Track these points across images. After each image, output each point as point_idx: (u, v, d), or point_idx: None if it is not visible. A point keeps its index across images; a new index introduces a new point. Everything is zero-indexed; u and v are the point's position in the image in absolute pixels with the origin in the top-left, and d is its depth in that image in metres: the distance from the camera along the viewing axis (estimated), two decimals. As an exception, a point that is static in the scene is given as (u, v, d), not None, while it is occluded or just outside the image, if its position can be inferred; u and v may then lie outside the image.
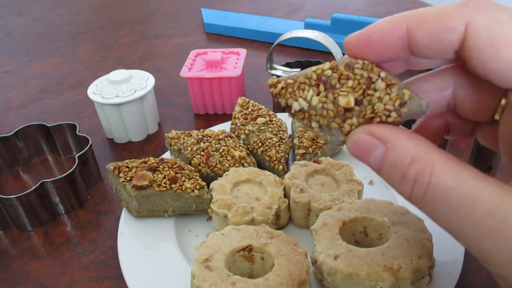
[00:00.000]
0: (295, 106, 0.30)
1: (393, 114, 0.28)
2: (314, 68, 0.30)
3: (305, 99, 0.29)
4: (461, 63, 0.30)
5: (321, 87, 0.29)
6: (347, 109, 0.29)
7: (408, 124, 0.56)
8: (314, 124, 0.30)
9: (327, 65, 0.29)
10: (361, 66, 0.29)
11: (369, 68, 0.28)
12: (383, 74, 0.28)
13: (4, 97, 0.80)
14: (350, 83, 0.29)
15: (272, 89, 0.30)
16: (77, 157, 0.53)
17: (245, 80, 0.74)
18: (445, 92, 0.31)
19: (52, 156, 0.63)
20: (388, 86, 0.28)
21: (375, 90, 0.28)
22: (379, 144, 0.27)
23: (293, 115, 0.30)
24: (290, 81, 0.30)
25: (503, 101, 0.29)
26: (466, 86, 0.30)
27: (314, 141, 0.53)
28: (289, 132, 0.58)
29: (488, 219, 0.24)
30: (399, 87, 0.28)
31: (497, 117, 0.30)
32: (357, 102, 0.28)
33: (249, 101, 0.59)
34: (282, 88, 0.30)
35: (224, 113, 0.70)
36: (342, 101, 0.28)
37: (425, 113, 0.28)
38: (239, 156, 0.51)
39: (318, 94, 0.29)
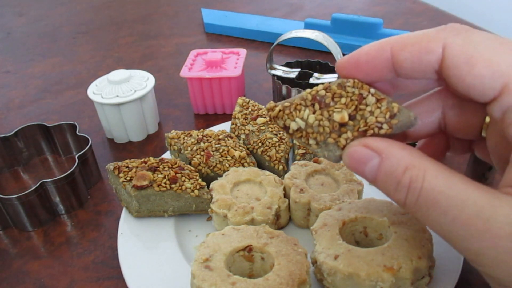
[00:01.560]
0: (293, 126, 0.32)
1: (385, 126, 0.30)
2: (308, 90, 0.32)
3: (302, 118, 0.32)
4: (445, 86, 0.33)
5: (317, 106, 0.31)
6: (342, 124, 0.31)
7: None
8: (311, 141, 0.32)
9: (320, 86, 0.32)
10: (352, 84, 0.31)
11: (359, 86, 0.31)
12: (372, 90, 0.31)
13: (4, 97, 0.80)
14: (343, 100, 0.31)
15: (270, 113, 0.32)
16: (77, 157, 0.53)
17: (245, 80, 0.74)
18: (435, 114, 0.33)
19: (52, 156, 0.63)
20: (378, 100, 0.30)
21: (367, 105, 0.31)
22: (374, 155, 0.29)
23: (291, 135, 0.32)
24: (287, 104, 0.32)
25: (487, 119, 0.31)
26: (453, 107, 0.33)
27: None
28: (289, 132, 0.58)
29: (476, 219, 0.25)
30: (388, 101, 0.30)
31: (483, 133, 0.32)
32: (351, 117, 0.31)
33: (249, 101, 0.59)
34: (280, 110, 0.32)
35: (224, 113, 0.70)
36: (337, 117, 0.31)
37: (414, 124, 0.31)
38: (239, 156, 0.51)
39: (314, 113, 0.31)
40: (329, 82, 0.32)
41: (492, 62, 0.26)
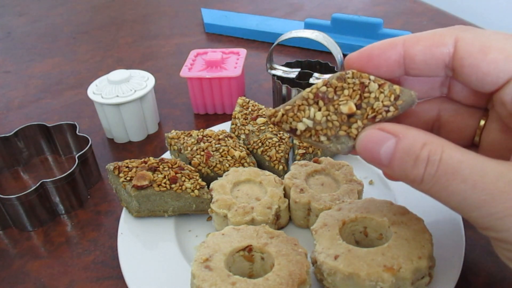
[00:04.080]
0: (300, 127, 0.32)
1: (392, 108, 0.31)
2: (308, 89, 0.32)
3: (308, 117, 0.32)
4: (444, 95, 0.35)
5: (321, 103, 0.32)
6: (350, 115, 0.31)
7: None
8: (322, 138, 0.32)
9: (319, 83, 0.32)
10: (351, 75, 0.31)
11: (359, 75, 0.31)
12: (372, 77, 0.31)
13: (4, 97, 0.80)
14: (346, 92, 0.31)
15: (272, 119, 0.32)
16: (77, 157, 0.53)
17: (245, 80, 0.74)
18: (430, 114, 0.35)
19: (52, 156, 0.63)
20: (380, 86, 0.31)
21: (370, 92, 0.31)
22: (390, 137, 0.29)
23: (299, 136, 0.32)
24: (288, 107, 0.32)
25: (482, 122, 0.33)
26: (449, 111, 0.35)
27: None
28: (289, 132, 0.58)
29: (498, 183, 0.26)
30: (389, 85, 0.31)
31: (477, 139, 0.34)
32: (357, 107, 0.31)
33: (249, 101, 0.59)
34: (283, 114, 0.32)
35: (224, 113, 0.70)
36: (344, 109, 0.31)
37: (415, 102, 0.32)
38: (239, 156, 0.51)
39: (319, 110, 0.32)
40: (327, 79, 0.32)
41: (505, 49, 0.28)
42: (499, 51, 0.28)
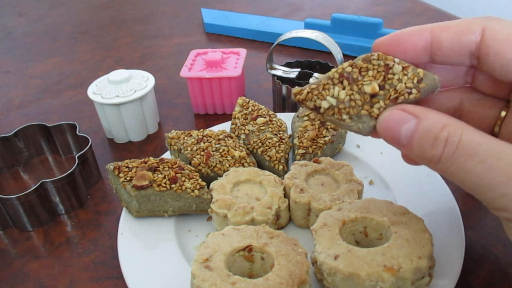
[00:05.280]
0: (324, 105, 0.33)
1: (414, 91, 0.32)
2: (334, 69, 0.33)
3: (332, 96, 0.33)
4: (468, 85, 0.36)
5: (345, 82, 0.33)
6: (373, 96, 0.32)
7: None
8: (345, 116, 0.33)
9: (346, 63, 0.33)
10: (376, 57, 0.32)
11: (383, 57, 0.32)
12: (397, 60, 0.32)
13: (4, 97, 0.80)
14: (370, 73, 0.32)
15: (298, 96, 0.34)
16: (77, 157, 0.53)
17: (245, 80, 0.74)
18: (452, 103, 0.35)
19: (52, 156, 0.63)
20: (404, 68, 0.32)
21: (394, 74, 0.32)
22: (411, 117, 0.30)
23: (322, 114, 0.33)
24: (313, 86, 0.33)
25: (502, 113, 0.34)
26: (472, 100, 0.35)
27: (314, 141, 0.53)
28: (289, 132, 0.58)
29: None
30: (413, 68, 0.32)
31: (496, 129, 0.34)
32: (380, 88, 0.32)
33: (249, 101, 0.59)
34: (308, 93, 0.33)
35: (224, 113, 0.70)
36: (367, 89, 0.32)
37: (438, 87, 0.32)
38: (239, 156, 0.51)
39: (343, 89, 0.33)
40: (353, 59, 0.33)
41: None
42: None
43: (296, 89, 0.34)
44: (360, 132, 0.33)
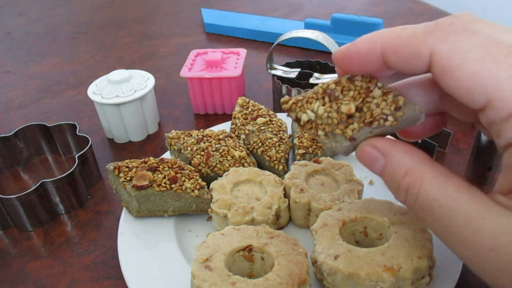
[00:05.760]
0: (304, 118, 0.34)
1: (390, 118, 0.31)
2: (321, 84, 0.33)
3: (312, 110, 0.33)
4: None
5: (326, 99, 0.33)
6: (349, 116, 0.32)
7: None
8: (320, 132, 0.33)
9: (331, 80, 0.33)
10: (360, 78, 0.32)
11: (367, 80, 0.32)
12: (380, 84, 0.32)
13: (4, 97, 0.80)
14: (351, 93, 0.32)
15: (284, 105, 0.34)
16: (77, 157, 0.53)
17: (245, 80, 0.74)
18: (433, 96, 0.34)
19: (52, 156, 0.63)
20: (384, 93, 0.31)
21: (373, 97, 0.32)
22: (380, 156, 0.31)
23: (302, 126, 0.34)
24: (300, 97, 0.34)
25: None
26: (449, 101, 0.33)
27: (314, 141, 0.53)
28: (289, 132, 0.58)
29: (465, 230, 0.27)
30: (394, 94, 0.31)
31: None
32: (358, 109, 0.32)
33: (249, 101, 0.59)
34: (293, 103, 0.34)
35: (224, 113, 0.70)
36: (344, 109, 0.32)
37: (420, 118, 0.31)
38: (239, 156, 0.51)
39: (323, 105, 0.33)
40: (339, 77, 0.33)
41: (477, 76, 0.26)
42: (470, 79, 0.26)
43: (284, 98, 0.34)
44: (336, 151, 0.33)
